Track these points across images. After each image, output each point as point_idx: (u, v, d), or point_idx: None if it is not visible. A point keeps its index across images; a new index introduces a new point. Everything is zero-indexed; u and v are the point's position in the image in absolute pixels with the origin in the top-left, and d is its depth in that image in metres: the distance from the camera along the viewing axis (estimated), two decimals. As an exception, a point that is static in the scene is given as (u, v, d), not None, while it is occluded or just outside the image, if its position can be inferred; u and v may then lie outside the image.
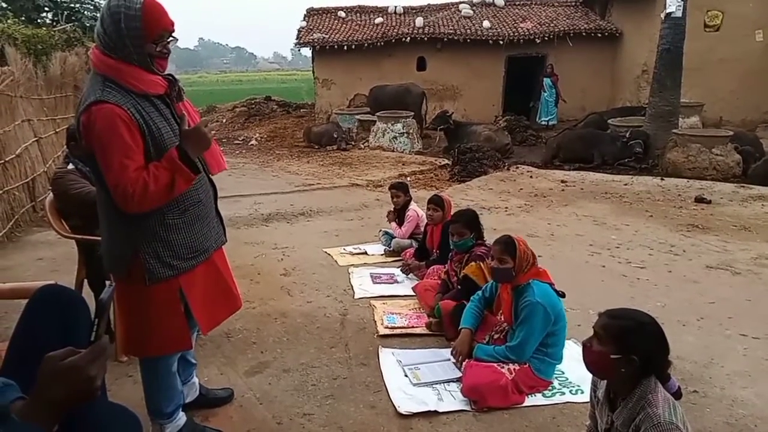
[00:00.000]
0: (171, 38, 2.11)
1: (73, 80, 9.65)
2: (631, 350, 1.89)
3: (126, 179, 1.96)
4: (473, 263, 3.71)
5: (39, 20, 16.55)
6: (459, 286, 3.78)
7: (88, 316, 1.63)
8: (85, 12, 18.36)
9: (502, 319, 3.20)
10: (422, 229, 5.13)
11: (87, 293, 3.26)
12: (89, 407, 1.18)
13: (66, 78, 9.30)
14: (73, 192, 3.29)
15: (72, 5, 18.27)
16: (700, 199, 7.46)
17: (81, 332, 1.18)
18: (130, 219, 2.08)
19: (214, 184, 2.41)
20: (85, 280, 3.50)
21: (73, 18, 16.24)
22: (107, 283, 1.21)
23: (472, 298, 3.39)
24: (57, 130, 8.46)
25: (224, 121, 18.81)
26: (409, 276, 4.76)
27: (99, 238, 3.19)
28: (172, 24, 2.10)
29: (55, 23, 13.00)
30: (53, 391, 1.10)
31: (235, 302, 2.55)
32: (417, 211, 5.36)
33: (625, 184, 8.70)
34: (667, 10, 10.48)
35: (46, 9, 17.73)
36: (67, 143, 3.52)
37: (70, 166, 3.39)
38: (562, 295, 3.09)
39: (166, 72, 2.15)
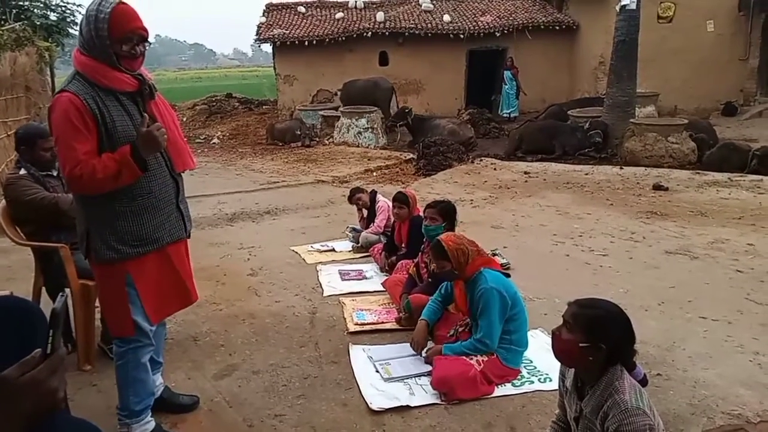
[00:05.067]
0: (141, 40, 2.24)
1: (24, 81, 9.31)
2: (599, 339, 1.92)
3: (73, 160, 2.13)
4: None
5: (-15, 19, 15.91)
6: (429, 279, 3.79)
7: (47, 328, 1.57)
8: (35, 10, 17.70)
9: (460, 312, 3.25)
10: (391, 222, 5.13)
11: (46, 302, 3.16)
12: (49, 422, 1.14)
13: (16, 79, 8.96)
14: (26, 198, 3.17)
15: (21, 3, 17.59)
16: (657, 187, 7.66)
17: (38, 346, 1.13)
18: (84, 202, 2.30)
19: (176, 180, 2.46)
20: (44, 288, 3.39)
21: (22, 17, 15.62)
22: (60, 293, 1.17)
23: (433, 297, 3.43)
24: (8, 133, 8.14)
25: (184, 119, 18.43)
26: (377, 271, 4.77)
27: (56, 245, 3.14)
28: (141, 27, 2.23)
29: (2, 22, 12.50)
30: (16, 409, 1.06)
31: (188, 297, 2.61)
32: (387, 201, 5.35)
33: (586, 174, 8.87)
34: (622, 3, 10.70)
35: (-7, 7, 17.06)
36: (16, 148, 3.39)
37: (22, 171, 3.26)
38: (507, 275, 3.21)
39: (137, 72, 2.29)
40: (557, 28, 16.88)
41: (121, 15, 2.17)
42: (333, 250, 5.41)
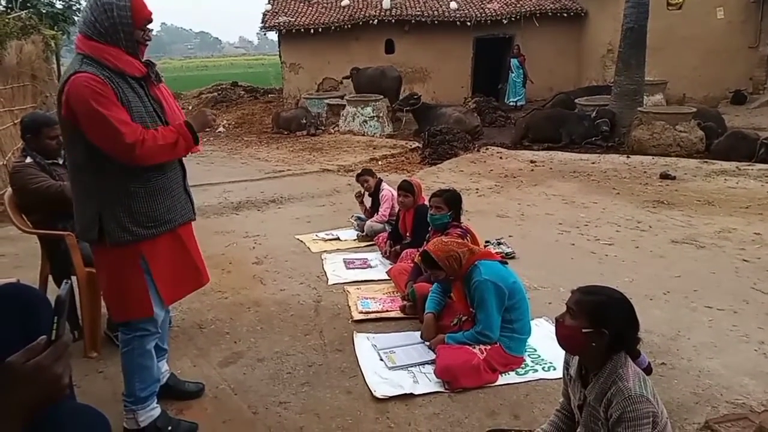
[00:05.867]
0: (150, 27, 2.35)
1: (30, 69, 9.33)
2: (602, 324, 1.92)
3: (132, 127, 2.17)
4: (446, 246, 3.71)
5: (-8, 8, 15.88)
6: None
7: (51, 315, 1.58)
8: (41, -2, 17.68)
9: (457, 307, 3.26)
10: (396, 211, 5.13)
11: (53, 290, 3.18)
12: (54, 409, 1.15)
13: (23, 67, 8.98)
14: (32, 186, 3.18)
15: (26, -9, 17.57)
16: (665, 176, 7.62)
17: (43, 333, 1.14)
18: (97, 184, 2.28)
19: (183, 164, 2.53)
20: (51, 276, 3.41)
21: (28, 5, 15.61)
22: (64, 281, 1.18)
23: (433, 287, 3.43)
24: (15, 121, 8.16)
25: (190, 108, 18.44)
26: (382, 260, 4.78)
27: (62, 233, 3.16)
28: (151, 13, 2.33)
29: (9, 10, 12.48)
30: (21, 394, 1.07)
31: (200, 278, 2.64)
32: (391, 190, 5.34)
33: (593, 163, 8.82)
34: (631, -11, 10.58)
35: (-1, -4, 17.02)
36: (22, 136, 3.39)
37: (28, 160, 3.27)
38: (504, 262, 3.20)
39: (144, 58, 2.36)
40: (565, 15, 16.72)
41: (138, 2, 2.25)
42: (338, 238, 5.42)
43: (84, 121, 2.16)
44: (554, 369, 2.99)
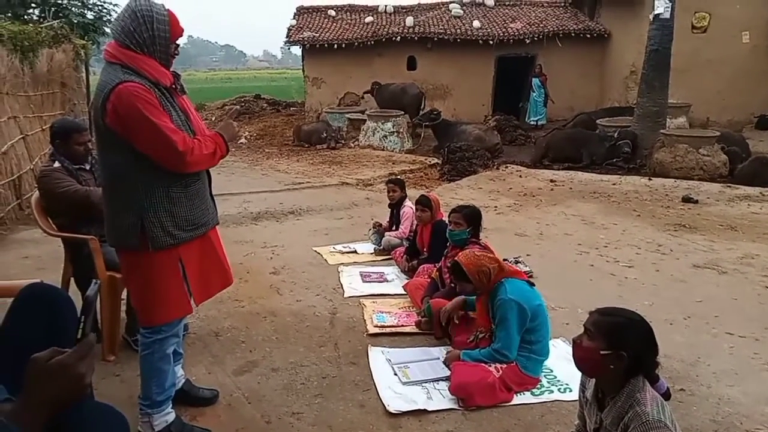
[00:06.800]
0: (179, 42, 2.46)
1: (60, 77, 9.53)
2: (620, 346, 1.90)
3: (182, 135, 2.25)
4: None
5: (26, 16, 16.31)
6: (452, 284, 3.77)
7: (74, 314, 1.61)
8: (73, 8, 18.14)
9: (478, 322, 3.24)
10: (414, 227, 5.13)
11: (74, 292, 3.23)
12: (76, 407, 1.16)
13: (53, 75, 9.18)
14: (59, 190, 3.25)
15: (59, 1, 18.05)
16: (687, 199, 7.52)
17: (67, 331, 1.17)
18: (140, 191, 2.31)
19: (208, 171, 2.61)
20: (72, 279, 3.47)
21: (60, 14, 16.04)
22: (93, 281, 1.20)
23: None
24: (44, 127, 8.35)
25: (213, 119, 18.69)
26: (399, 274, 4.78)
27: (86, 237, 3.21)
28: (183, 30, 2.43)
29: (42, 19, 12.84)
30: (44, 391, 1.09)
31: (227, 278, 2.72)
32: (413, 207, 5.35)
33: (614, 184, 8.75)
34: (656, 12, 10.54)
35: (33, 5, 17.49)
36: (51, 141, 3.47)
37: (56, 164, 3.35)
38: (531, 283, 3.19)
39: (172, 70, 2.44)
40: (588, 36, 16.68)
41: (174, 17, 2.33)
42: (355, 251, 5.43)
43: (135, 130, 2.19)
44: (570, 390, 2.95)
